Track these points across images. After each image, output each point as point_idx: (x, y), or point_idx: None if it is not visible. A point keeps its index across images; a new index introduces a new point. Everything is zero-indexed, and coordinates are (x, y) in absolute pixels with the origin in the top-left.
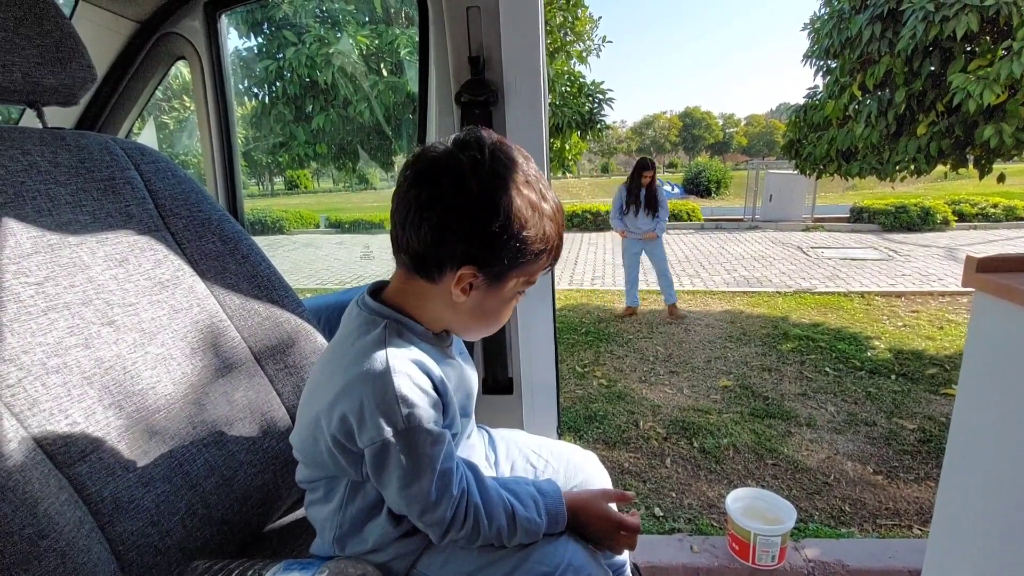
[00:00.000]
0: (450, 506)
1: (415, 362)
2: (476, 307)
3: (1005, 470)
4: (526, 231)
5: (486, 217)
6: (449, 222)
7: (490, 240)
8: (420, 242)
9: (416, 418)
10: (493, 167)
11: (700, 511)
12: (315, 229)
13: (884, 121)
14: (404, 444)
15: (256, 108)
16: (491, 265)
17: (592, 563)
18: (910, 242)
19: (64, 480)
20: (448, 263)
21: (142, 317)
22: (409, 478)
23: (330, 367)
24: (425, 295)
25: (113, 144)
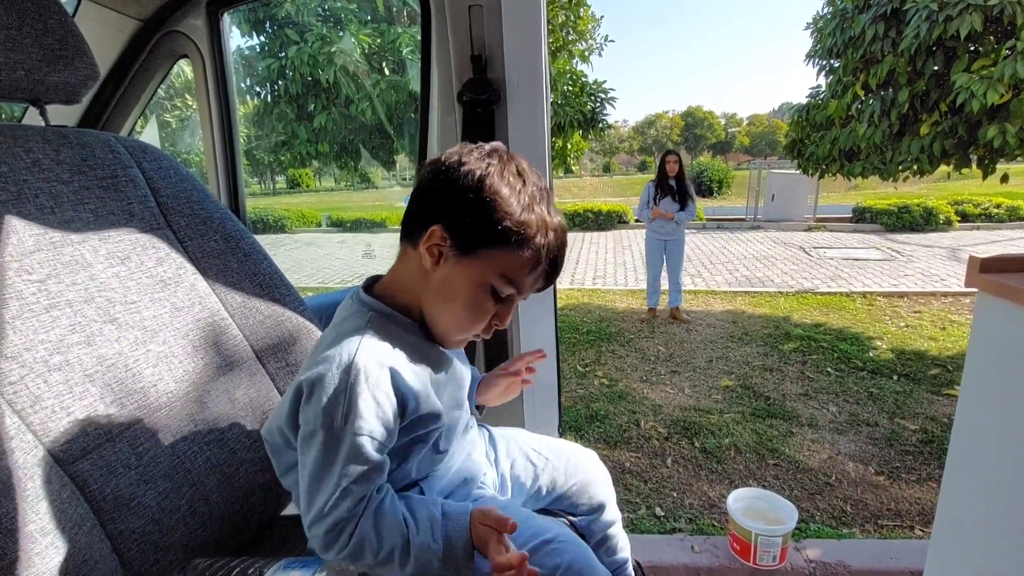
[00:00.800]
0: (337, 524)
1: (386, 365)
2: (445, 284)
3: (1008, 471)
4: (497, 200)
5: (461, 177)
6: (434, 186)
7: (460, 203)
8: (409, 207)
9: (355, 427)
10: (491, 159)
11: (701, 511)
12: (317, 228)
13: (887, 121)
14: (330, 442)
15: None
16: (460, 231)
17: (592, 565)
18: (913, 242)
19: (66, 478)
20: (423, 220)
21: (144, 315)
22: (318, 476)
23: (314, 353)
24: (409, 267)
25: (115, 142)
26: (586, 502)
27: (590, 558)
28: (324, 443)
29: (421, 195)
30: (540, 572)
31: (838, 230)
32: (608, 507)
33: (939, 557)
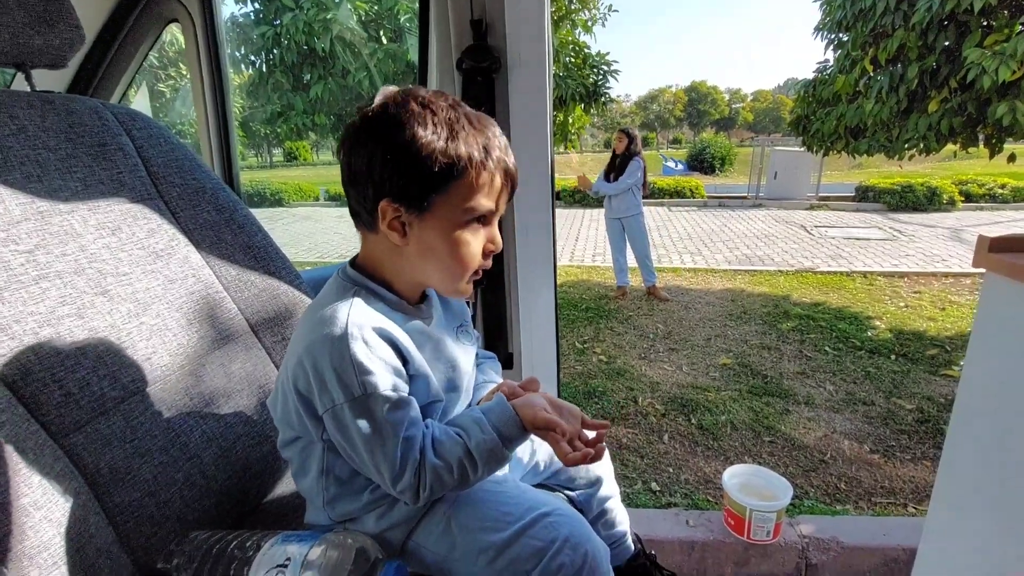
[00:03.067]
0: (414, 471)
1: (376, 329)
2: (422, 246)
3: (1009, 451)
4: (418, 146)
5: (380, 147)
6: (357, 164)
7: (385, 163)
8: (345, 190)
9: (372, 385)
10: (384, 108)
11: (697, 486)
12: (315, 202)
13: (895, 97)
14: (361, 411)
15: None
16: (404, 194)
17: (590, 537)
18: (915, 222)
19: (59, 451)
20: (368, 203)
21: (136, 287)
22: (373, 444)
23: (302, 329)
24: (375, 248)
25: (103, 108)
26: (583, 476)
27: (587, 531)
28: (356, 415)
29: (348, 179)
30: (538, 544)
31: (840, 209)
32: (605, 481)
33: (935, 533)
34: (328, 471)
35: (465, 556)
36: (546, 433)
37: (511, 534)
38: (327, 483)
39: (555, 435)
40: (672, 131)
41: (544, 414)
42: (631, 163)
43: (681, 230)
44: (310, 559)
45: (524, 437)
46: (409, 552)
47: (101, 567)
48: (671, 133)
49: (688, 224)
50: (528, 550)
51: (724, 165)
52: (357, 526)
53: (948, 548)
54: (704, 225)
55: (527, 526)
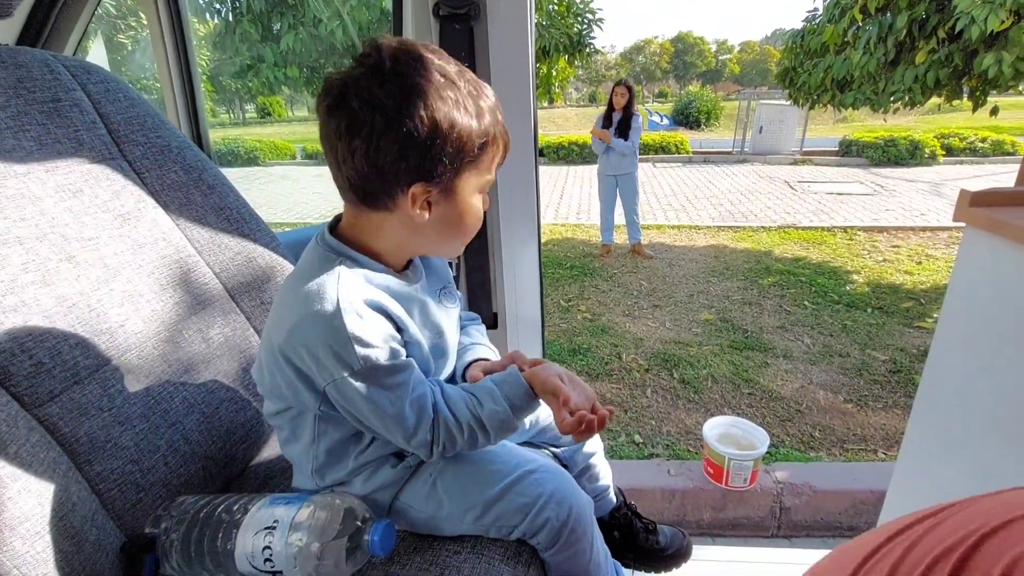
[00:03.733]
0: (428, 428)
1: (367, 301)
2: (441, 220)
3: (980, 398)
4: (457, 130)
5: (411, 129)
6: (378, 145)
7: (425, 151)
8: (358, 174)
9: (372, 358)
10: (398, 71)
11: (678, 438)
12: (291, 161)
13: (883, 48)
14: (365, 382)
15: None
16: (438, 175)
17: (574, 492)
18: (896, 176)
19: (33, 421)
20: (395, 187)
21: (103, 252)
22: (381, 411)
23: (286, 302)
24: (381, 226)
25: (54, 61)
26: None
27: (572, 486)
28: (361, 387)
29: (369, 160)
30: (524, 500)
31: (824, 164)
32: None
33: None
34: (318, 440)
35: (452, 514)
36: (550, 397)
37: (497, 491)
38: (317, 452)
39: (557, 401)
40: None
41: (554, 379)
42: (634, 119)
43: (666, 187)
44: (298, 520)
45: (534, 406)
46: (397, 512)
47: (87, 534)
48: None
49: (673, 181)
50: (514, 506)
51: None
52: (345, 490)
53: (915, 491)
54: (689, 181)
55: (513, 483)
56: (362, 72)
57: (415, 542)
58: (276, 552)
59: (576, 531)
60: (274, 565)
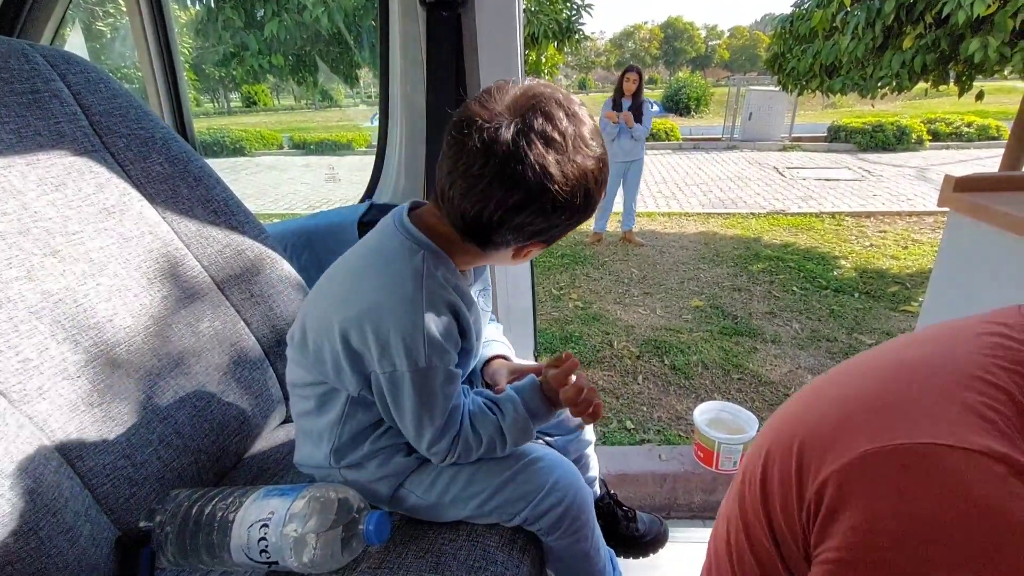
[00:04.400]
0: (451, 438)
1: (448, 304)
2: (527, 258)
3: None
4: (591, 201)
5: (563, 209)
6: (522, 210)
7: (563, 225)
8: (478, 218)
9: (437, 359)
10: (572, 148)
11: (669, 423)
12: (279, 150)
13: (871, 33)
14: (420, 380)
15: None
16: (555, 237)
17: (576, 482)
18: (883, 162)
19: (23, 418)
20: (512, 242)
21: (89, 246)
22: (421, 412)
23: (359, 281)
24: (467, 250)
25: (31, 51)
26: (564, 424)
27: (574, 476)
28: (415, 382)
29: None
30: (527, 488)
31: (812, 150)
32: (586, 429)
33: None
34: (345, 421)
35: (455, 501)
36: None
37: (502, 480)
38: (341, 431)
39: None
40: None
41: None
42: (644, 104)
43: (656, 174)
44: (293, 512)
45: (552, 414)
46: (400, 498)
47: (81, 529)
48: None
49: (663, 168)
50: (518, 493)
51: (699, 106)
52: (355, 473)
53: None
54: (679, 168)
55: (518, 471)
56: (526, 137)
57: (410, 530)
58: (272, 543)
59: (579, 519)
60: (270, 556)
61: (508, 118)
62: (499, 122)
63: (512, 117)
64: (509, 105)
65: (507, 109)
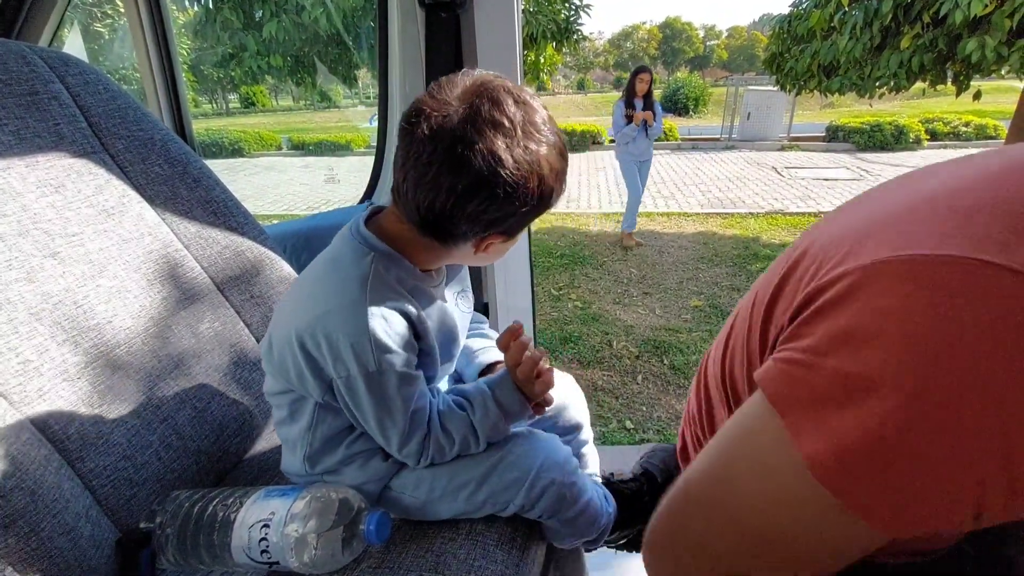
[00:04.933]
0: (420, 440)
1: (395, 306)
2: (491, 254)
3: None
4: (553, 193)
5: (515, 195)
6: (473, 196)
7: (519, 214)
8: (431, 209)
9: (388, 362)
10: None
11: (668, 423)
12: (277, 151)
13: (869, 32)
14: (374, 385)
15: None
16: (514, 229)
17: (563, 457)
18: (881, 161)
19: (24, 419)
20: (470, 235)
21: (88, 248)
22: (381, 415)
23: (311, 288)
24: (429, 247)
25: (30, 53)
26: (562, 423)
27: (560, 451)
28: (369, 387)
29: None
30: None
31: (811, 149)
32: (584, 428)
33: None
34: (315, 427)
35: (445, 495)
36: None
37: (488, 467)
38: (312, 438)
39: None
40: None
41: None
42: (655, 104)
43: (655, 174)
44: (294, 512)
45: (526, 412)
46: (390, 500)
47: (82, 531)
48: None
49: (662, 168)
50: (505, 480)
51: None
52: (334, 478)
53: None
54: (678, 168)
55: (502, 457)
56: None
57: (410, 530)
58: (273, 543)
59: (570, 497)
60: (271, 556)
61: (456, 105)
62: (447, 110)
63: (460, 104)
64: (458, 95)
65: (456, 98)
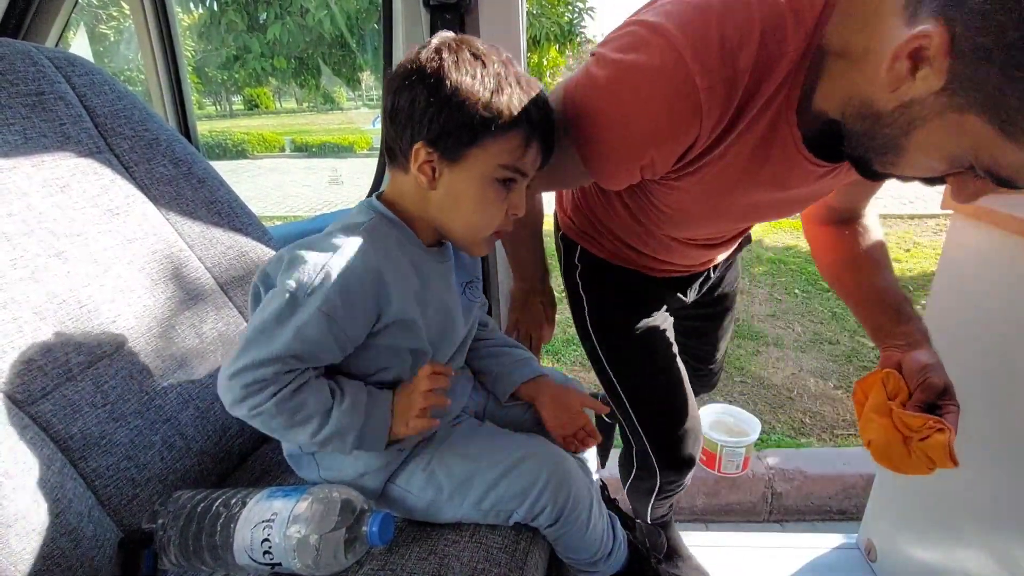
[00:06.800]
0: (259, 382)
1: (374, 261)
2: (448, 195)
3: (964, 383)
4: (461, 94)
5: (425, 89)
6: (400, 103)
7: (429, 110)
8: (385, 128)
9: (319, 300)
10: (438, 52)
11: None
12: (280, 153)
13: None
14: (289, 305)
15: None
16: (440, 140)
17: (571, 473)
18: None
19: (27, 419)
20: (404, 143)
21: (93, 248)
22: (260, 329)
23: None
24: (402, 187)
25: (37, 53)
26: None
27: (570, 467)
28: (284, 304)
29: (389, 115)
30: (522, 484)
31: None
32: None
33: None
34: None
35: (452, 499)
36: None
37: (496, 476)
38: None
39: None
40: None
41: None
42: None
43: None
44: (296, 513)
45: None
46: (395, 499)
47: (84, 531)
48: None
49: None
50: (512, 490)
51: None
52: (331, 462)
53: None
54: None
55: (511, 466)
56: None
57: (413, 532)
58: (275, 544)
59: (576, 510)
60: (273, 557)
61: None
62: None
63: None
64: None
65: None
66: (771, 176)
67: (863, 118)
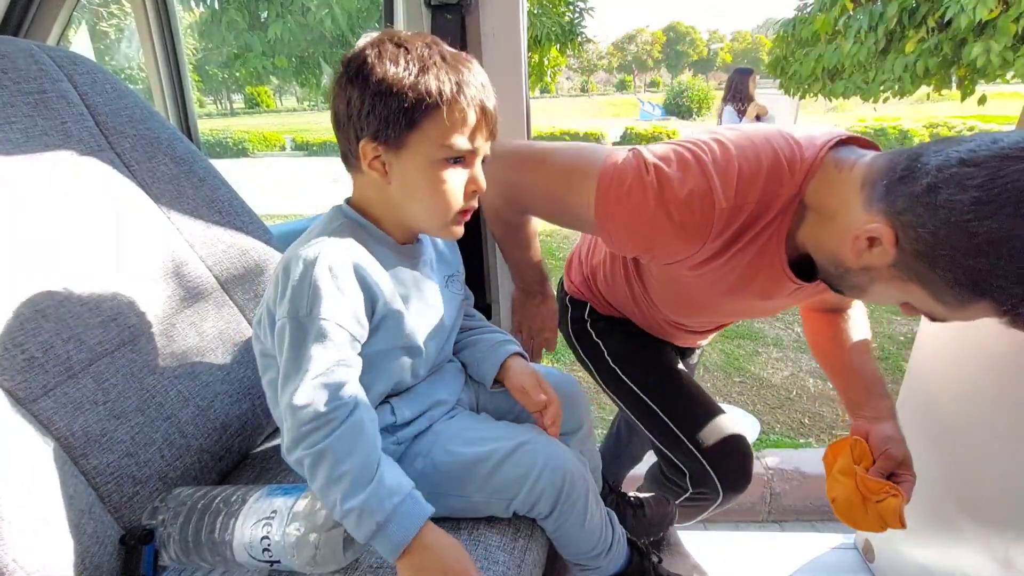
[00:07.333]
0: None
1: (351, 260)
2: (403, 185)
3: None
4: (386, 83)
5: (356, 88)
6: (339, 108)
7: (364, 107)
8: (337, 138)
9: (319, 310)
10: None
11: None
12: (281, 152)
13: (873, 37)
14: (297, 331)
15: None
16: (381, 133)
17: (567, 459)
18: None
19: (29, 415)
20: (352, 144)
21: (94, 246)
22: (288, 368)
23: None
24: (363, 189)
25: (39, 51)
26: (564, 422)
27: (565, 453)
28: (292, 334)
29: (334, 122)
30: (519, 471)
31: None
32: (584, 427)
33: None
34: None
35: (450, 490)
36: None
37: (493, 464)
38: (273, 392)
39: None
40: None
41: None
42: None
43: None
44: (296, 511)
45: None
46: None
47: (85, 527)
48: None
49: None
50: (510, 477)
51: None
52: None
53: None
54: None
55: (507, 455)
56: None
57: None
58: (274, 542)
59: (572, 496)
60: (272, 555)
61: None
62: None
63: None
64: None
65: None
66: (759, 288)
67: (834, 266)
